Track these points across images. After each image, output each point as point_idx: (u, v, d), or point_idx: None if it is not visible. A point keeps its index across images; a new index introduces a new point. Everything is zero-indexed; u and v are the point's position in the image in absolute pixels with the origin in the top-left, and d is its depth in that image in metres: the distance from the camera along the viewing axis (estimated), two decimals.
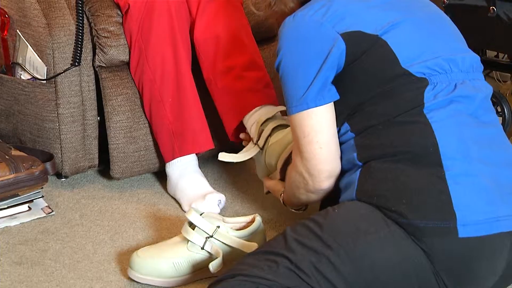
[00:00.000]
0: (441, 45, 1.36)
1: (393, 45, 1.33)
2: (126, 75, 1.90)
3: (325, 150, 1.36)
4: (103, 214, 1.81)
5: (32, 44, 1.87)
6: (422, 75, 1.32)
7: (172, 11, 1.82)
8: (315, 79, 1.35)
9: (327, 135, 1.36)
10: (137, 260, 1.51)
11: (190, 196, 1.81)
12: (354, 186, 1.32)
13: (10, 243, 1.67)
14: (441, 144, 1.27)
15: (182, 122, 1.83)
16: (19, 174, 1.75)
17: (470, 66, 1.37)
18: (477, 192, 1.25)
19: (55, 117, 1.87)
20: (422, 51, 1.34)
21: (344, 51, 1.33)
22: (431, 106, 1.30)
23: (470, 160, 1.26)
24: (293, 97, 1.37)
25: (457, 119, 1.30)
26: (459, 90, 1.32)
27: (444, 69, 1.33)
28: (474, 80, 1.36)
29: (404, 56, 1.33)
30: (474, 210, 1.23)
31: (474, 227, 1.23)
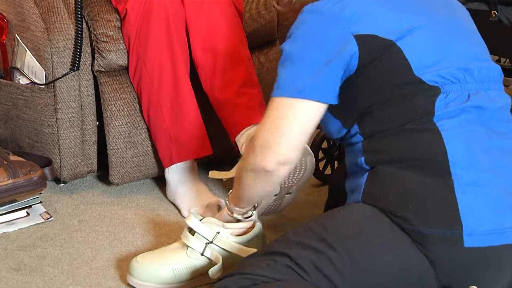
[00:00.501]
0: (457, 53, 1.33)
1: (407, 52, 1.30)
2: (125, 80, 1.90)
3: (301, 138, 1.31)
4: (102, 220, 1.80)
5: (31, 48, 1.87)
6: (435, 84, 1.30)
7: (170, 16, 1.82)
8: (318, 73, 1.31)
9: (312, 127, 1.32)
10: (136, 266, 1.50)
11: (190, 201, 1.80)
12: (360, 189, 1.30)
13: (8, 249, 1.67)
14: (450, 152, 1.25)
15: (180, 128, 1.82)
16: (17, 179, 1.75)
17: (487, 75, 1.34)
18: (485, 202, 1.23)
19: (53, 122, 1.87)
20: (436, 59, 1.31)
21: (357, 54, 1.30)
22: (442, 115, 1.28)
23: (480, 169, 1.25)
24: (288, 80, 1.32)
25: (467, 129, 1.28)
26: (472, 100, 1.30)
27: (457, 78, 1.31)
28: (489, 90, 1.33)
29: (417, 64, 1.30)
30: (481, 220, 1.22)
31: (480, 237, 1.21)
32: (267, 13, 2.06)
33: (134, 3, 1.84)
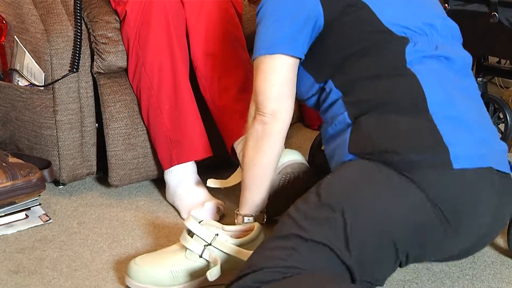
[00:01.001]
0: (420, 11, 1.45)
1: (374, 8, 1.41)
2: (124, 82, 1.89)
3: (277, 88, 1.46)
4: (101, 222, 1.80)
5: (30, 50, 1.86)
6: (403, 34, 1.41)
7: (169, 18, 1.82)
8: (287, 29, 1.44)
9: (283, 77, 1.46)
10: (135, 268, 1.50)
11: (189, 203, 1.80)
12: (346, 143, 1.37)
13: (7, 252, 1.66)
14: (427, 93, 1.35)
15: (180, 130, 1.82)
16: (16, 181, 1.74)
17: (449, 33, 1.46)
18: (464, 131, 1.33)
19: (52, 124, 1.86)
20: (402, 15, 1.43)
21: (320, 10, 1.42)
22: (414, 61, 1.39)
23: (455, 105, 1.35)
24: (263, 41, 1.47)
25: (440, 73, 1.39)
26: (440, 50, 1.41)
27: (424, 31, 1.42)
28: (453, 46, 1.45)
29: (385, 18, 1.42)
30: (464, 145, 1.31)
31: (466, 160, 1.30)
32: None
33: (133, 5, 1.84)
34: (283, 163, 1.60)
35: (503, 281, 1.52)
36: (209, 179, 1.73)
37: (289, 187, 1.65)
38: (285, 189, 1.65)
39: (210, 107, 1.86)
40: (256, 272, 1.25)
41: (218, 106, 1.82)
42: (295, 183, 1.64)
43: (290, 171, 1.61)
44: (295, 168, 1.61)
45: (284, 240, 1.28)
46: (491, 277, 1.53)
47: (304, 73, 1.50)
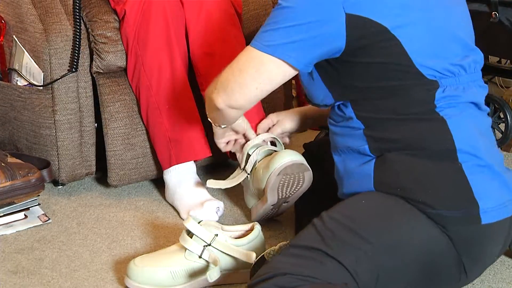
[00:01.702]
0: (453, 47, 1.38)
1: (406, 43, 1.33)
2: (123, 81, 1.89)
3: (258, 93, 1.40)
4: (101, 222, 1.79)
5: (29, 50, 1.86)
6: (433, 78, 1.35)
7: (169, 18, 1.82)
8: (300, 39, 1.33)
9: (272, 86, 1.39)
10: (134, 268, 1.49)
11: (188, 203, 1.79)
12: (370, 178, 1.37)
13: (6, 252, 1.66)
14: (456, 140, 1.33)
15: (179, 130, 1.81)
16: (15, 181, 1.74)
17: (474, 68, 1.41)
18: (490, 181, 1.34)
19: (51, 124, 1.86)
20: (434, 54, 1.35)
21: (343, 34, 1.32)
22: (443, 106, 1.35)
23: (480, 152, 1.35)
24: (266, 35, 1.36)
25: (468, 119, 1.37)
26: (467, 93, 1.38)
27: (453, 72, 1.37)
28: (476, 81, 1.42)
29: (416, 57, 1.34)
30: (491, 198, 1.33)
31: (492, 214, 1.33)
32: (266, 14, 2.05)
33: (132, 4, 1.83)
34: (282, 164, 1.60)
35: (504, 281, 1.52)
36: (208, 180, 1.73)
37: (289, 187, 1.64)
38: (285, 189, 1.64)
39: None
40: (279, 277, 1.25)
41: None
42: (295, 184, 1.64)
43: (290, 172, 1.61)
44: (295, 169, 1.61)
45: (310, 251, 1.29)
46: (491, 277, 1.53)
47: (319, 82, 1.43)
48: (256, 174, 1.67)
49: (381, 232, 1.30)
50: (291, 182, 1.62)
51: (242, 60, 1.39)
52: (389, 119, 1.36)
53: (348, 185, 1.42)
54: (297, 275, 1.25)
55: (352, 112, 1.39)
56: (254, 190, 1.69)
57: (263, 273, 1.28)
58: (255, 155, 1.68)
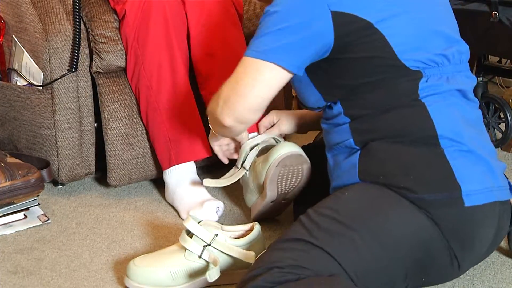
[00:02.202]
0: (435, 39, 1.41)
1: (389, 37, 1.36)
2: (123, 81, 1.89)
3: (259, 101, 1.40)
4: (100, 222, 1.79)
5: (28, 49, 1.86)
6: (417, 68, 1.38)
7: (168, 17, 1.81)
8: (291, 41, 1.36)
9: (271, 91, 1.40)
10: (134, 268, 1.49)
11: (188, 203, 1.79)
12: (355, 168, 1.38)
13: (6, 252, 1.66)
14: (437, 125, 1.35)
15: (179, 130, 1.81)
16: (15, 181, 1.74)
17: (459, 59, 1.44)
18: (473, 165, 1.36)
19: (51, 124, 1.86)
20: (417, 45, 1.38)
21: (331, 32, 1.35)
22: (426, 94, 1.37)
23: (462, 138, 1.36)
24: (262, 43, 1.37)
25: (450, 106, 1.39)
26: (451, 82, 1.40)
27: (436, 62, 1.39)
28: (461, 72, 1.44)
29: (400, 49, 1.37)
30: (474, 181, 1.34)
31: (476, 196, 1.33)
32: None
33: (132, 4, 1.83)
34: (281, 155, 1.60)
35: (504, 281, 1.52)
36: (205, 179, 1.73)
37: (289, 179, 1.64)
38: (284, 182, 1.64)
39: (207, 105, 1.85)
40: (267, 273, 1.26)
41: None
42: (294, 177, 1.64)
43: (288, 163, 1.61)
44: (294, 161, 1.61)
45: (295, 243, 1.30)
46: (491, 277, 1.53)
47: (310, 87, 1.46)
48: (255, 169, 1.67)
49: (366, 220, 1.31)
50: (290, 174, 1.62)
51: (238, 72, 1.41)
52: (374, 111, 1.38)
53: (335, 178, 1.45)
54: (284, 267, 1.26)
55: (340, 108, 1.42)
56: (254, 186, 1.69)
57: (251, 270, 1.29)
58: (254, 151, 1.69)
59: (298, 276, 1.25)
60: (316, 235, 1.30)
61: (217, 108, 1.44)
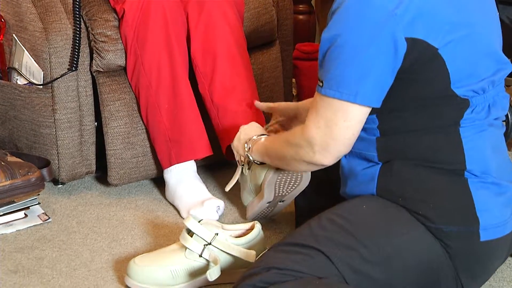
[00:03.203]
0: (487, 62, 1.35)
1: (449, 64, 1.30)
2: (123, 80, 1.89)
3: (354, 137, 1.32)
4: (101, 221, 1.79)
5: (29, 48, 1.86)
6: (465, 97, 1.33)
7: (168, 17, 1.81)
8: (369, 77, 1.27)
9: (352, 131, 1.31)
10: (135, 267, 1.49)
11: (189, 202, 1.79)
12: (374, 182, 1.37)
13: (6, 251, 1.66)
14: (468, 161, 1.33)
15: (179, 129, 1.81)
16: (15, 180, 1.74)
17: (499, 81, 1.39)
18: (495, 196, 1.34)
19: (51, 123, 1.86)
20: (471, 71, 1.32)
21: (402, 57, 1.27)
22: (467, 125, 1.34)
23: (490, 171, 1.34)
24: (339, 81, 1.28)
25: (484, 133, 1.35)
26: (492, 111, 1.36)
27: (483, 89, 1.34)
28: (499, 93, 1.39)
29: (455, 78, 1.31)
30: (493, 216, 1.33)
31: (492, 231, 1.33)
32: (267, 12, 2.05)
33: (131, 3, 1.83)
34: None
35: (504, 280, 1.51)
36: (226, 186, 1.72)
37: (286, 184, 1.64)
38: (282, 186, 1.64)
39: (207, 105, 1.85)
40: (265, 273, 1.26)
41: (216, 105, 1.82)
42: (293, 182, 1.64)
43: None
44: None
45: (301, 247, 1.29)
46: (492, 276, 1.52)
47: None
48: (254, 169, 1.67)
49: (379, 238, 1.30)
50: (288, 179, 1.62)
51: (326, 115, 1.31)
52: (408, 132, 1.34)
53: (351, 186, 1.42)
54: (283, 269, 1.25)
55: (376, 120, 1.36)
56: (252, 186, 1.69)
57: (250, 269, 1.29)
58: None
59: (295, 279, 1.24)
60: (323, 242, 1.28)
61: (314, 154, 1.34)
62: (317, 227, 1.32)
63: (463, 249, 1.32)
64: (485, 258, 1.34)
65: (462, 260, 1.32)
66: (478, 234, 1.31)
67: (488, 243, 1.32)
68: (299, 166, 1.42)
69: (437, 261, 1.31)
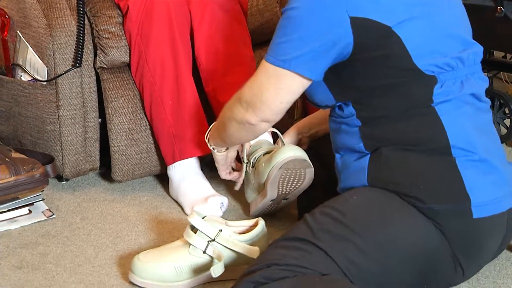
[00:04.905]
0: (451, 42, 1.39)
1: (406, 40, 1.34)
2: (127, 77, 1.89)
3: (283, 107, 1.41)
4: (105, 218, 1.79)
5: (33, 45, 1.86)
6: (432, 73, 1.36)
7: (172, 13, 1.81)
8: (312, 49, 1.35)
9: (293, 98, 1.41)
10: (138, 264, 1.49)
11: (192, 199, 1.79)
12: (364, 172, 1.38)
13: (10, 247, 1.66)
14: (450, 135, 1.34)
15: (183, 125, 1.81)
16: (20, 176, 1.74)
17: (473, 60, 1.42)
18: (484, 175, 1.35)
19: (55, 119, 1.86)
20: (433, 49, 1.36)
21: (351, 38, 1.33)
22: (440, 101, 1.36)
23: (475, 147, 1.35)
24: (280, 49, 1.37)
25: (462, 110, 1.37)
26: (465, 87, 1.38)
27: (451, 66, 1.37)
28: (474, 73, 1.42)
29: (415, 52, 1.35)
30: (484, 192, 1.33)
31: (485, 208, 1.33)
32: (271, 9, 2.05)
33: (135, 0, 1.83)
34: (285, 158, 1.60)
35: (509, 277, 1.51)
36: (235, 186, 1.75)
37: (290, 182, 1.64)
38: (286, 184, 1.64)
39: (212, 103, 1.85)
40: (265, 269, 1.26)
41: (220, 102, 1.82)
42: (296, 180, 1.64)
43: (292, 166, 1.61)
44: (297, 165, 1.61)
45: (299, 242, 1.30)
46: (496, 273, 1.52)
47: (323, 87, 1.45)
48: (258, 167, 1.67)
49: (372, 226, 1.31)
50: (292, 177, 1.62)
51: (261, 79, 1.41)
52: (387, 116, 1.37)
53: (344, 179, 1.44)
54: (283, 265, 1.26)
55: (353, 110, 1.41)
56: (255, 184, 1.69)
57: (251, 265, 1.29)
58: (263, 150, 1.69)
59: (295, 274, 1.25)
60: (319, 236, 1.30)
61: (240, 110, 1.45)
62: (311, 220, 1.33)
63: (456, 227, 1.32)
64: (480, 237, 1.34)
65: (457, 239, 1.32)
66: (471, 211, 1.31)
67: (481, 220, 1.32)
68: (232, 128, 1.51)
69: (433, 243, 1.32)
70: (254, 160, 1.69)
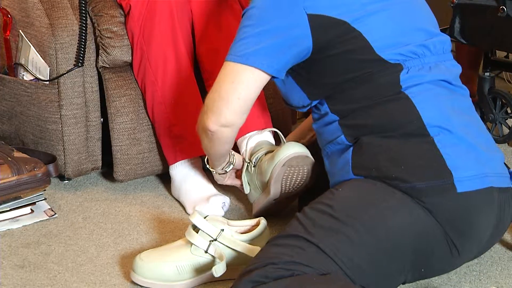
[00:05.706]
0: (416, 33, 1.43)
1: (367, 34, 1.38)
2: (129, 76, 1.89)
3: (241, 103, 1.42)
4: (107, 217, 1.79)
5: (35, 44, 1.86)
6: (396, 61, 1.39)
7: (174, 12, 1.81)
8: (269, 44, 1.38)
9: (251, 94, 1.42)
10: (140, 263, 1.49)
11: (194, 198, 1.79)
12: (348, 164, 1.40)
13: (13, 246, 1.66)
14: (423, 115, 1.36)
15: (184, 125, 1.81)
16: (22, 176, 1.74)
17: (441, 49, 1.44)
18: (465, 153, 1.36)
19: (57, 119, 1.86)
20: (395, 38, 1.40)
21: (309, 35, 1.37)
22: (408, 86, 1.38)
23: (452, 126, 1.37)
24: (241, 47, 1.40)
25: (434, 92, 1.40)
26: (433, 72, 1.40)
27: (417, 54, 1.40)
28: (445, 61, 1.44)
29: (377, 44, 1.38)
30: (466, 168, 1.34)
31: (469, 182, 1.34)
32: None
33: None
34: (288, 155, 1.60)
35: (511, 277, 1.51)
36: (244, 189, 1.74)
37: (293, 180, 1.64)
38: (289, 182, 1.64)
39: None
40: (263, 268, 1.27)
41: None
42: (299, 177, 1.64)
43: (295, 164, 1.61)
44: (300, 162, 1.61)
45: (292, 239, 1.31)
46: (498, 273, 1.52)
47: (295, 87, 1.48)
48: (260, 166, 1.67)
49: (360, 214, 1.31)
50: (295, 174, 1.62)
51: (220, 76, 1.44)
52: (360, 106, 1.40)
53: (332, 176, 1.46)
54: (278, 263, 1.26)
55: (327, 107, 1.44)
56: (258, 183, 1.69)
57: (248, 265, 1.30)
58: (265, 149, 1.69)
59: (292, 272, 1.25)
60: (311, 231, 1.31)
61: (202, 117, 1.48)
62: (302, 216, 1.35)
63: (442, 203, 1.32)
64: (468, 212, 1.34)
65: (445, 215, 1.32)
66: (454, 186, 1.32)
67: (466, 194, 1.33)
68: (203, 141, 1.52)
69: (422, 223, 1.32)
70: (256, 160, 1.69)
